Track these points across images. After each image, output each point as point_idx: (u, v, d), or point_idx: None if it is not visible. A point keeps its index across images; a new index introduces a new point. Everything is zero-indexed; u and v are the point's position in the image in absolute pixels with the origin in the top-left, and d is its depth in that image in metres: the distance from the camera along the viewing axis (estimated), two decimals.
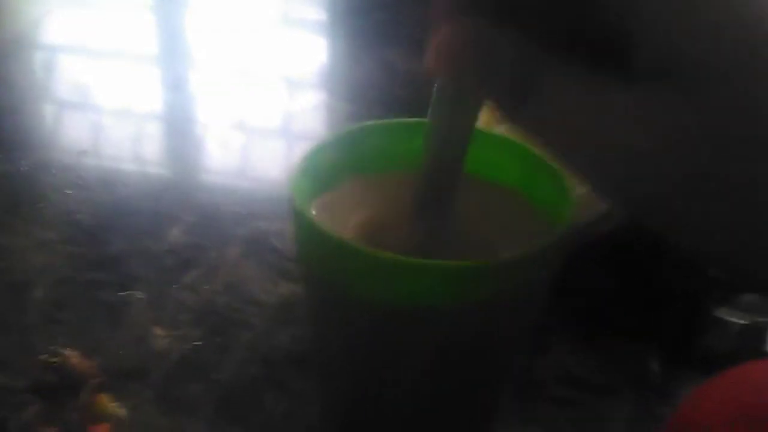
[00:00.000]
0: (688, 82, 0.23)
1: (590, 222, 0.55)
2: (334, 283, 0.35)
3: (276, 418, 0.49)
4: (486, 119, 0.43)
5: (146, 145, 0.78)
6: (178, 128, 0.82)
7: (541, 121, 0.26)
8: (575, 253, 0.55)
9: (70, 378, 0.41)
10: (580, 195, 0.37)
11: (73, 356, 0.41)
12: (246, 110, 0.83)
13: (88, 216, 0.65)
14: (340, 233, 0.34)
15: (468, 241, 0.36)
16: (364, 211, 0.39)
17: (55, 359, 0.41)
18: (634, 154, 0.24)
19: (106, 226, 0.64)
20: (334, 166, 0.40)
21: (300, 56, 0.96)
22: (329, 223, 0.36)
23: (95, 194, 0.68)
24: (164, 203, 0.67)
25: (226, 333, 0.54)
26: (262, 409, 0.49)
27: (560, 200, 0.37)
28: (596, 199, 0.55)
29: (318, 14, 1.10)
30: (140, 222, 0.64)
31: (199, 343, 0.53)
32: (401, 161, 0.40)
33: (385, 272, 0.32)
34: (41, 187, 0.68)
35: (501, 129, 0.41)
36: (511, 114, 0.27)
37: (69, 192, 0.68)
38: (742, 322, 0.56)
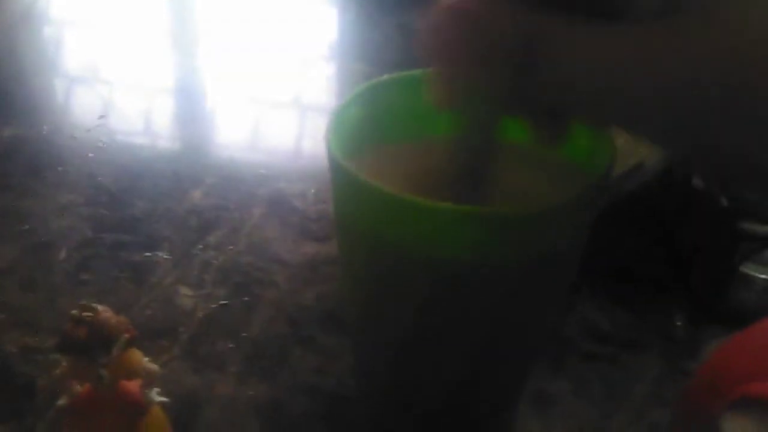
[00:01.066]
0: (685, 19, 0.24)
1: (618, 177, 0.55)
2: (374, 235, 0.34)
3: (303, 374, 0.49)
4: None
5: (164, 113, 0.78)
6: (197, 97, 0.82)
7: (556, 81, 0.26)
8: (603, 209, 0.55)
9: (101, 333, 0.41)
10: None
11: (104, 311, 0.41)
12: (262, 80, 0.83)
13: (110, 178, 0.65)
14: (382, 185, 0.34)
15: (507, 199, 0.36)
16: (396, 174, 0.39)
17: (86, 314, 0.40)
18: (650, 91, 0.25)
19: (129, 189, 0.64)
20: (363, 124, 0.40)
21: (322, 21, 0.95)
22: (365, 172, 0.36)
23: (117, 157, 0.68)
24: (185, 165, 0.67)
25: (251, 292, 0.54)
26: (289, 365, 0.49)
27: (598, 150, 0.36)
28: (624, 155, 0.54)
29: None
30: (162, 184, 0.64)
31: (225, 302, 0.53)
32: (427, 120, 0.40)
33: (433, 222, 0.32)
34: (63, 151, 0.68)
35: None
36: (523, 88, 0.27)
37: (90, 155, 0.68)
38: (767, 277, 0.56)
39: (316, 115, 0.78)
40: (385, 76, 0.41)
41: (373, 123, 0.40)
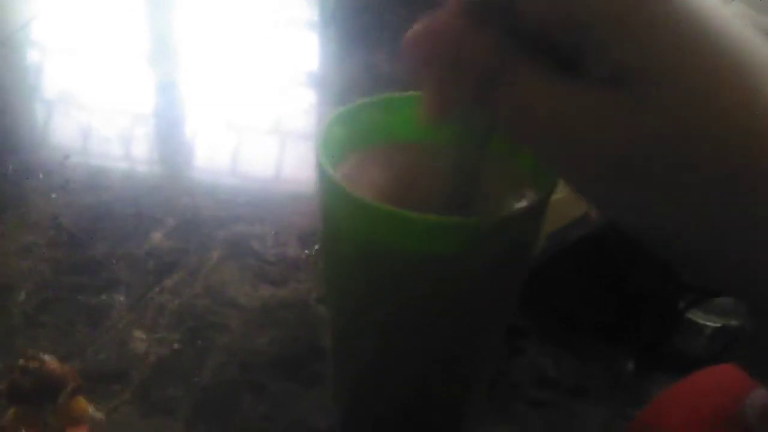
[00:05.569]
0: (640, 89, 0.25)
1: (565, 226, 0.56)
2: (355, 236, 0.38)
3: (254, 420, 0.50)
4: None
5: (133, 146, 0.79)
6: (166, 129, 0.83)
7: (506, 112, 0.28)
8: (551, 256, 0.56)
9: (47, 382, 0.42)
10: (555, 200, 0.38)
11: (50, 361, 0.42)
12: (234, 110, 0.84)
13: (71, 220, 0.66)
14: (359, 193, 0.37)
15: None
16: (380, 175, 0.41)
17: (32, 364, 0.41)
18: (591, 149, 0.26)
19: (90, 230, 0.64)
20: (352, 135, 0.42)
21: (286, 59, 0.97)
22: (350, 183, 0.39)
23: (79, 198, 0.69)
24: (147, 207, 0.68)
25: (205, 336, 0.55)
26: (240, 411, 0.50)
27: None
28: (571, 204, 0.56)
29: (307, 15, 1.10)
30: (123, 226, 0.65)
31: (178, 346, 0.54)
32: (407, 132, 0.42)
33: (406, 227, 0.35)
34: (26, 191, 0.69)
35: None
36: (482, 102, 0.29)
37: (54, 196, 0.68)
38: (713, 325, 0.57)
39: (288, 146, 0.80)
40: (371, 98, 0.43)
41: (358, 132, 0.42)
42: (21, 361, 0.42)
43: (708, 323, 0.57)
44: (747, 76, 0.24)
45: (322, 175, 0.37)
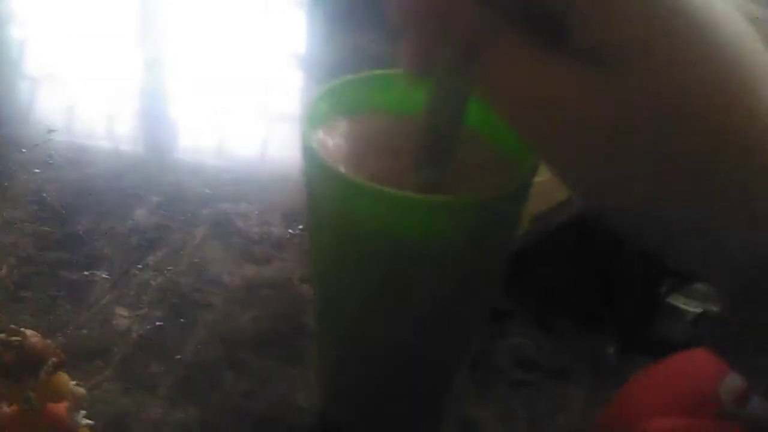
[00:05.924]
0: (618, 66, 0.25)
1: (551, 209, 0.56)
2: (337, 213, 0.38)
3: (236, 397, 0.50)
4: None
5: (119, 124, 0.78)
6: (152, 108, 0.83)
7: (487, 81, 0.28)
8: (536, 240, 0.56)
9: (28, 357, 0.41)
10: (538, 184, 0.38)
11: (32, 336, 0.42)
12: (220, 91, 0.84)
13: (55, 195, 0.65)
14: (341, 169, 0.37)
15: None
16: (362, 146, 0.41)
17: (13, 338, 0.41)
18: (566, 122, 0.26)
19: (73, 206, 0.64)
20: (338, 111, 0.42)
21: (274, 40, 0.96)
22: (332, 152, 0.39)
23: (63, 173, 0.68)
24: (131, 183, 0.67)
25: (187, 314, 0.55)
26: (223, 388, 0.50)
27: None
28: (558, 186, 0.56)
29: None
30: (107, 202, 0.65)
31: (161, 323, 0.54)
32: (394, 108, 0.42)
33: (387, 207, 0.35)
34: (9, 166, 0.68)
35: None
36: (462, 72, 0.29)
37: (37, 171, 0.68)
38: (695, 310, 0.57)
39: (274, 128, 0.79)
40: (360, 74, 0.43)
41: (344, 108, 0.42)
42: (2, 336, 0.41)
43: (689, 308, 0.57)
44: (738, 67, 0.24)
45: (307, 151, 0.37)
